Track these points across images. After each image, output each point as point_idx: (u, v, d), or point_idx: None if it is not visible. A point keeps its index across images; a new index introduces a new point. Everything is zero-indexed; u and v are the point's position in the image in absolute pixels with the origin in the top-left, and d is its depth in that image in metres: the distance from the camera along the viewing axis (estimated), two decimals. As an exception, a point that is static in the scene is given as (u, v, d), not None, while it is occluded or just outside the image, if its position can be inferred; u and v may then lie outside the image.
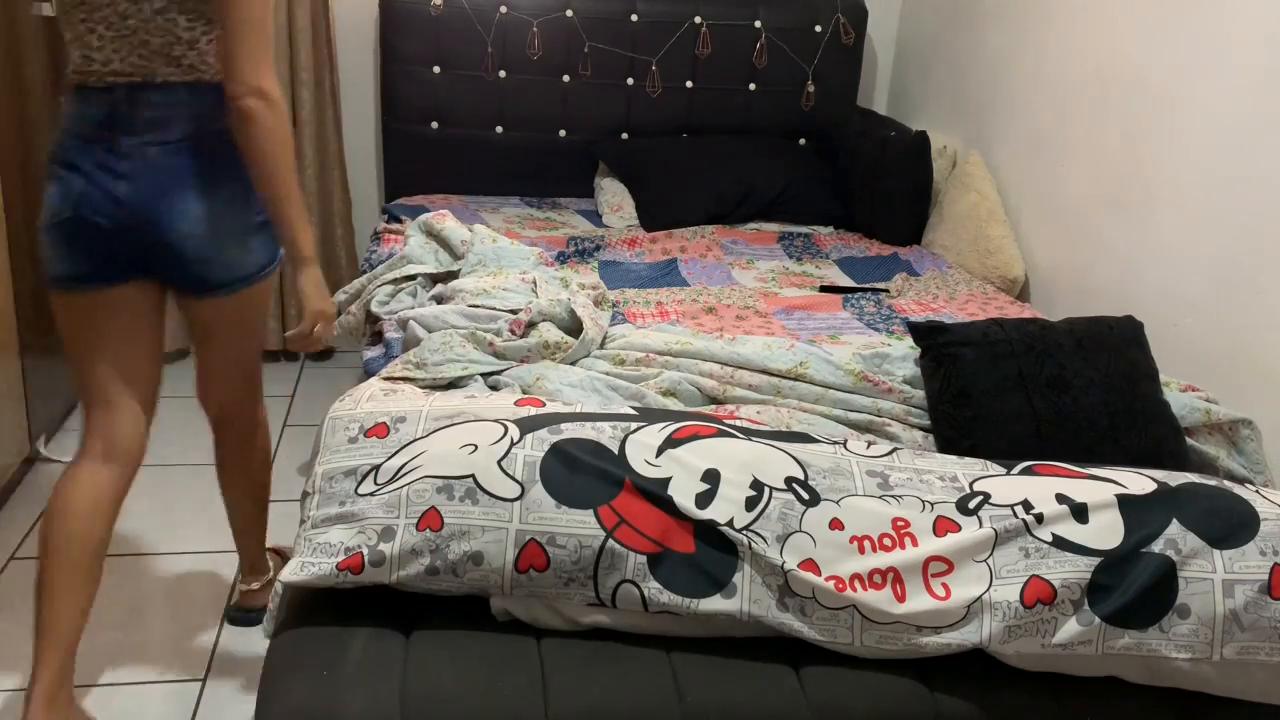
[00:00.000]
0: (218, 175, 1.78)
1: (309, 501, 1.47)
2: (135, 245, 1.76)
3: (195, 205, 1.76)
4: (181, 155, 1.75)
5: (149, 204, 1.74)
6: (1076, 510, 1.44)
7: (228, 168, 1.78)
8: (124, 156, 1.73)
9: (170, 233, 1.75)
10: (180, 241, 1.76)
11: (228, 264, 1.81)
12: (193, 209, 1.76)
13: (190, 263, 1.79)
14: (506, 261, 2.37)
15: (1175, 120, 2.41)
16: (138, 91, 1.74)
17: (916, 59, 3.69)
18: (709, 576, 1.38)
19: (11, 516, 2.59)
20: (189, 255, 1.78)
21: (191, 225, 1.76)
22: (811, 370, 1.95)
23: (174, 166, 1.75)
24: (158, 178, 1.74)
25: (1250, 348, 2.18)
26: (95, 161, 1.73)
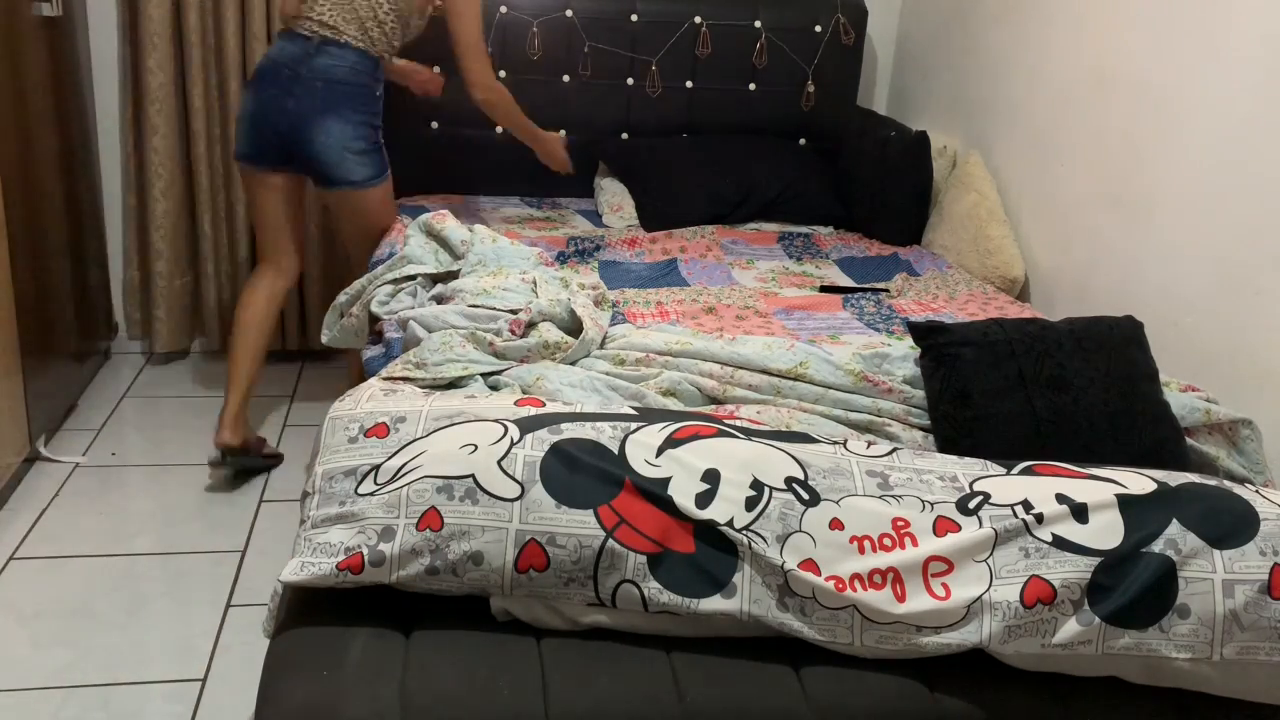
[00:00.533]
0: (351, 112, 2.67)
1: (309, 501, 1.47)
2: (289, 144, 2.67)
3: (332, 126, 2.65)
4: (334, 94, 2.65)
5: (305, 118, 2.64)
6: (1076, 510, 1.44)
7: (357, 108, 2.69)
8: (301, 84, 2.63)
9: (313, 139, 2.65)
10: (316, 148, 2.66)
11: (345, 169, 2.70)
12: (331, 128, 2.65)
13: (321, 164, 2.68)
14: (506, 261, 2.37)
15: (1175, 120, 2.41)
16: (327, 44, 2.64)
17: (916, 59, 3.69)
18: (709, 576, 1.38)
19: (11, 516, 2.59)
20: (321, 158, 2.68)
21: (326, 137, 2.65)
22: (811, 370, 1.95)
23: (328, 99, 2.64)
24: (315, 103, 2.64)
25: (1250, 348, 2.18)
26: (283, 83, 2.64)
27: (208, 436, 3.06)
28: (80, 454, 2.91)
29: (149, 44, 3.19)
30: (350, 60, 2.66)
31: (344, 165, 2.69)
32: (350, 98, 2.66)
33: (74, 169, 3.11)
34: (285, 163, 2.73)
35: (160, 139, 3.28)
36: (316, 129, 2.64)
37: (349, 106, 2.66)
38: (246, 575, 2.42)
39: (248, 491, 2.77)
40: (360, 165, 2.72)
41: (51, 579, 2.35)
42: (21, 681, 2.03)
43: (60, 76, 2.98)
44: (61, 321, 3.01)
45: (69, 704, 1.98)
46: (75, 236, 3.12)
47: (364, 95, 2.70)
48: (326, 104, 2.64)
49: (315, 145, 2.65)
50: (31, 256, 2.74)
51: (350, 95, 2.67)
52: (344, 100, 2.65)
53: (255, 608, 2.30)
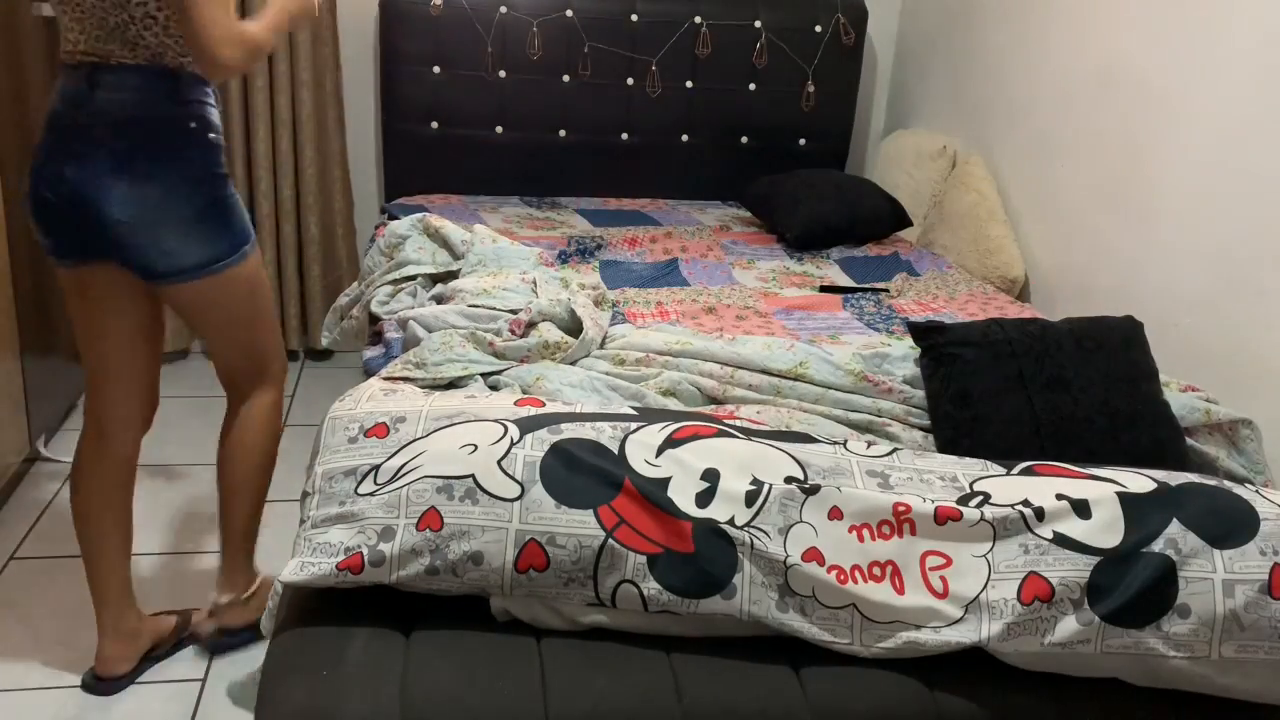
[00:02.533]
0: (159, 164, 1.76)
1: (309, 501, 1.47)
2: (80, 225, 1.78)
3: (129, 191, 1.75)
4: (123, 140, 1.75)
5: (86, 185, 1.74)
6: (1077, 507, 1.44)
7: (171, 157, 1.77)
8: (79, 137, 1.75)
9: (103, 216, 1.75)
10: (113, 226, 1.76)
11: (167, 254, 1.79)
12: (126, 194, 1.75)
13: (126, 248, 1.78)
14: (506, 261, 2.37)
15: (1175, 120, 2.41)
16: (97, 73, 1.75)
17: (916, 59, 3.69)
18: (708, 577, 1.38)
19: (11, 516, 2.59)
20: (123, 241, 1.77)
21: (122, 211, 1.75)
22: (811, 370, 1.95)
23: (116, 151, 1.74)
24: (99, 160, 1.74)
25: (1250, 348, 2.18)
26: (57, 139, 1.77)
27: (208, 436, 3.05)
28: (80, 454, 2.91)
29: (149, 44, 3.18)
30: (132, 86, 1.75)
31: (161, 248, 1.78)
32: (151, 143, 1.76)
33: (74, 169, 3.10)
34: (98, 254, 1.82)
35: (160, 139, 3.26)
36: (109, 200, 1.74)
37: (152, 158, 1.75)
38: (246, 575, 2.42)
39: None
40: (188, 243, 1.80)
41: (51, 579, 2.35)
42: (21, 681, 2.03)
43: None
44: (61, 321, 3.00)
45: (69, 704, 1.98)
46: (75, 236, 3.11)
47: (172, 134, 1.77)
48: (116, 160, 1.74)
49: (112, 225, 1.75)
50: (31, 256, 2.74)
51: (150, 141, 1.76)
52: (142, 150, 1.75)
53: (255, 608, 2.30)
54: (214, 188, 1.82)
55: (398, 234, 2.51)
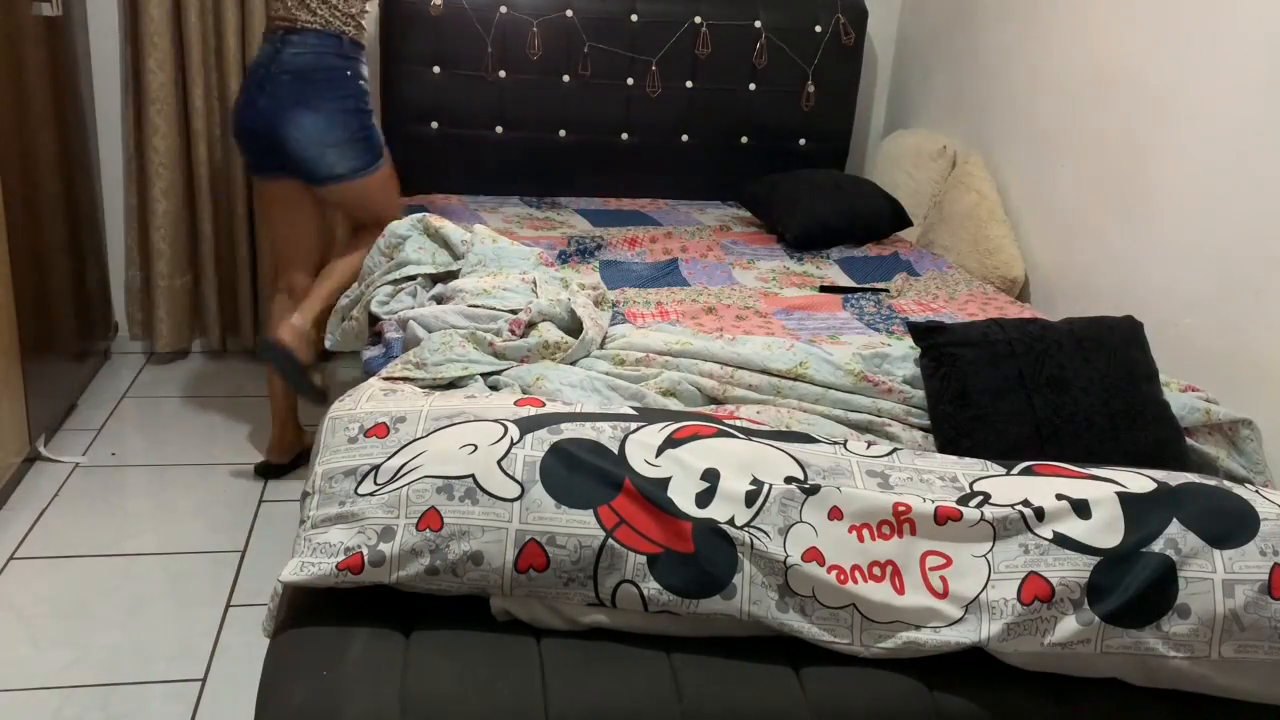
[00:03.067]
0: (322, 101, 2.58)
1: (309, 501, 1.47)
2: (268, 145, 2.61)
3: (304, 119, 2.57)
4: (301, 85, 2.58)
5: (275, 114, 2.58)
6: (1077, 507, 1.44)
7: (328, 96, 2.59)
8: (270, 80, 2.59)
9: (287, 137, 2.58)
10: (291, 145, 2.59)
11: (327, 164, 2.62)
12: (302, 121, 2.57)
13: (300, 161, 2.61)
14: (507, 262, 2.37)
15: (1175, 120, 2.41)
16: (288, 35, 2.58)
17: (916, 59, 3.69)
18: (708, 577, 1.38)
19: (11, 516, 2.59)
20: (298, 155, 2.60)
21: (299, 133, 2.58)
22: (811, 370, 1.95)
23: (295, 91, 2.57)
24: (283, 98, 2.57)
25: (1250, 348, 2.18)
26: (256, 83, 2.62)
27: (208, 436, 3.06)
28: (80, 454, 2.91)
29: (149, 44, 3.19)
30: (310, 45, 2.57)
31: (324, 160, 2.61)
32: (319, 85, 2.58)
33: (74, 169, 3.11)
34: (279, 168, 2.67)
35: (160, 139, 3.28)
36: (288, 125, 2.57)
37: (319, 95, 2.57)
38: (246, 575, 2.42)
39: (248, 491, 2.77)
40: (343, 157, 2.62)
41: (51, 579, 2.35)
42: (21, 681, 2.03)
43: (60, 76, 2.98)
44: (61, 321, 3.01)
45: (69, 704, 1.98)
46: (75, 236, 3.12)
47: (334, 80, 2.60)
48: (294, 97, 2.56)
49: (290, 143, 2.58)
50: (31, 256, 2.74)
51: (319, 83, 2.58)
52: (313, 90, 2.57)
53: (255, 608, 2.30)
54: (362, 118, 2.66)
55: (398, 234, 2.50)
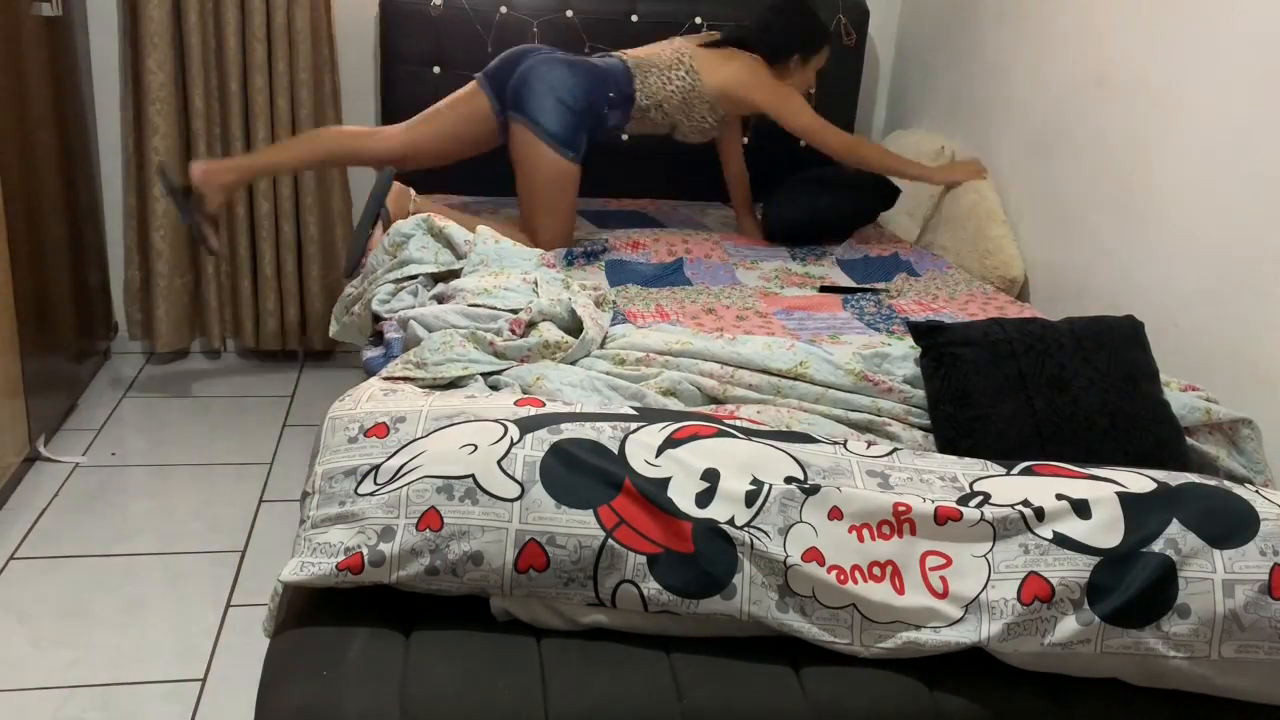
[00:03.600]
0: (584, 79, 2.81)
1: (309, 501, 1.47)
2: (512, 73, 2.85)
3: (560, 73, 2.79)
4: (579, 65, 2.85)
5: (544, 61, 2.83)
6: (1077, 507, 1.44)
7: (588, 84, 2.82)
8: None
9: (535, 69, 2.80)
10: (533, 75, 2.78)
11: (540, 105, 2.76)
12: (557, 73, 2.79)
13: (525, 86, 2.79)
14: (508, 262, 2.37)
15: (1175, 120, 2.41)
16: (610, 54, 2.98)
17: (916, 59, 3.69)
18: (708, 577, 1.38)
19: (11, 516, 2.59)
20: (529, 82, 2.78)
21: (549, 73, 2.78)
22: (811, 370, 1.95)
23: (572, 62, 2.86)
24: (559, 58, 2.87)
25: (1250, 348, 2.18)
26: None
27: (208, 436, 3.06)
28: (80, 454, 2.91)
29: (149, 44, 3.19)
30: (611, 64, 2.89)
31: (543, 102, 2.75)
32: (591, 73, 2.81)
33: (74, 169, 3.11)
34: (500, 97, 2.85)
35: (160, 139, 3.28)
36: (544, 66, 2.78)
37: (584, 74, 2.80)
38: (246, 575, 2.42)
39: (248, 491, 2.77)
40: (557, 116, 2.75)
41: (51, 579, 2.36)
42: (21, 681, 2.03)
43: (60, 76, 2.98)
44: (61, 321, 3.01)
45: (69, 704, 1.98)
46: (75, 236, 3.12)
47: (602, 83, 2.83)
48: (567, 62, 2.81)
49: (533, 74, 2.76)
50: (31, 256, 2.74)
51: (593, 72, 2.82)
52: (583, 69, 2.81)
53: (255, 608, 2.30)
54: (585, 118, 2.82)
55: (402, 232, 2.50)
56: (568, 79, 2.77)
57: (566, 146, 2.79)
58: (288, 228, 3.43)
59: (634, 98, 2.90)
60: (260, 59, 3.25)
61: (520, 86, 2.78)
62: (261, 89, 3.28)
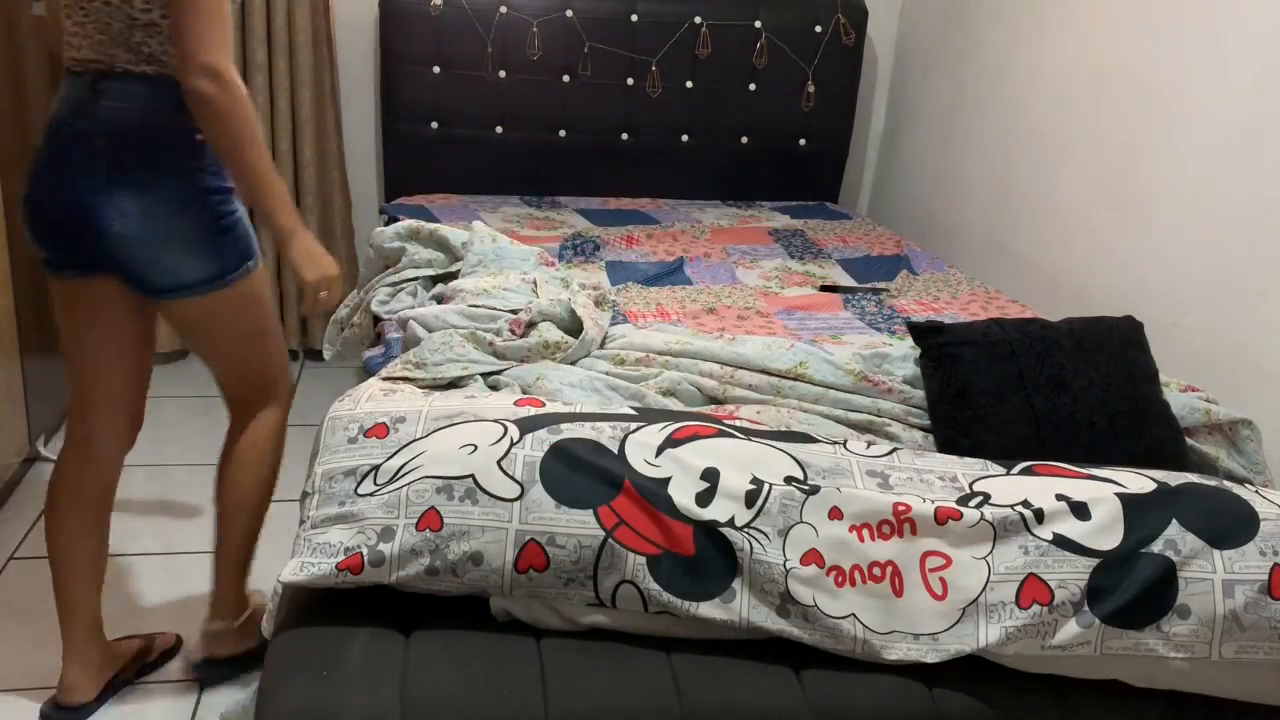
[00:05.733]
0: (164, 175, 1.70)
1: (308, 501, 1.47)
2: (78, 236, 1.71)
3: (131, 204, 1.68)
4: (125, 149, 1.69)
5: (87, 196, 1.68)
6: (1076, 509, 1.44)
7: (178, 168, 1.71)
8: (79, 144, 1.69)
9: (104, 229, 1.69)
10: (113, 240, 1.70)
11: (169, 269, 1.74)
12: (128, 207, 1.68)
13: (126, 263, 1.73)
14: (507, 262, 2.37)
15: (1175, 121, 2.41)
16: (99, 80, 1.69)
17: (916, 59, 3.69)
18: (708, 581, 1.38)
19: (11, 516, 2.59)
20: (123, 255, 1.72)
21: (124, 224, 1.69)
22: (811, 370, 1.95)
23: (119, 161, 1.68)
24: (100, 170, 1.68)
25: (1250, 348, 2.18)
26: (58, 146, 1.71)
27: (208, 436, 3.06)
28: (80, 454, 2.91)
29: (149, 44, 3.19)
30: (139, 94, 1.69)
31: (162, 261, 1.73)
32: (152, 152, 1.70)
33: (74, 169, 3.10)
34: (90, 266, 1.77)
35: (160, 139, 3.27)
36: (109, 210, 1.68)
37: (154, 167, 1.70)
38: (246, 575, 2.42)
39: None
40: (192, 258, 1.75)
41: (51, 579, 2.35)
42: (21, 681, 2.03)
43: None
44: (61, 321, 3.00)
45: (69, 704, 1.98)
46: (75, 236, 3.12)
47: (175, 144, 1.71)
48: (118, 168, 1.68)
49: (110, 236, 1.69)
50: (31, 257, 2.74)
51: (151, 149, 1.70)
52: (144, 158, 1.69)
53: (255, 608, 2.30)
54: (218, 202, 1.75)
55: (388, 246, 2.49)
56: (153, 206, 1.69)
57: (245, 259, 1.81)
58: (288, 228, 3.42)
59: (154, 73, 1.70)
60: (260, 59, 3.25)
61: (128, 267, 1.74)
62: (261, 89, 3.28)
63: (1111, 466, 1.59)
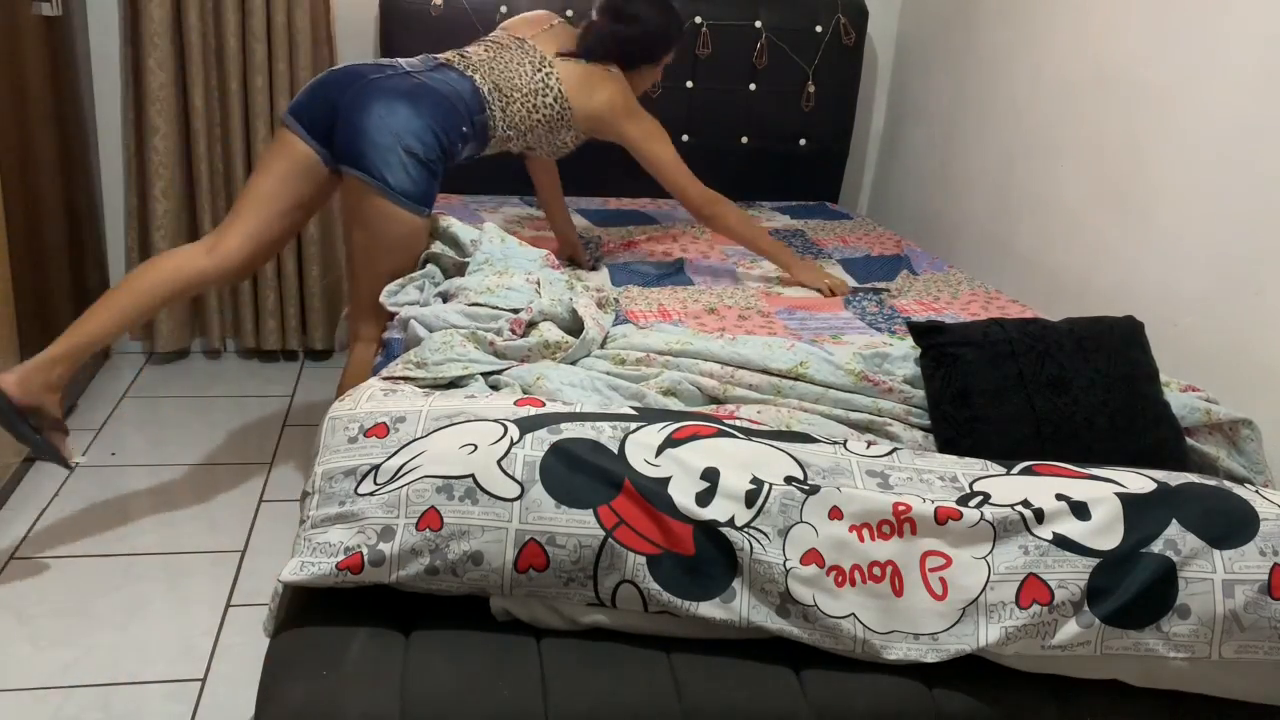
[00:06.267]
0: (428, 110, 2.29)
1: (308, 501, 1.47)
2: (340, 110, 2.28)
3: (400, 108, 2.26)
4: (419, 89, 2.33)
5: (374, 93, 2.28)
6: (1076, 508, 1.44)
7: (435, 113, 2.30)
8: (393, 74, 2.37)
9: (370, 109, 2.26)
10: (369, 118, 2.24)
11: (384, 159, 2.23)
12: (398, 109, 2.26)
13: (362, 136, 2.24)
14: (513, 262, 2.37)
15: (1175, 120, 2.41)
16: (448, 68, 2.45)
17: (916, 59, 3.69)
18: (708, 580, 1.38)
19: (11, 516, 2.59)
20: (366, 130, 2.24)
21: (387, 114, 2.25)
22: (811, 370, 1.95)
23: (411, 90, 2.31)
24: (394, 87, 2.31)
25: (1250, 348, 2.18)
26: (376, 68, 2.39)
27: (208, 436, 3.06)
28: (80, 454, 2.91)
29: (149, 44, 3.19)
30: (460, 86, 2.38)
31: (387, 155, 2.24)
32: (440, 105, 2.31)
33: (74, 169, 3.11)
34: (324, 139, 2.32)
35: (160, 139, 3.28)
36: (380, 103, 2.26)
37: (431, 108, 2.29)
38: (246, 575, 2.42)
39: (248, 491, 2.77)
40: (408, 172, 2.25)
41: (51, 579, 2.35)
42: (21, 681, 2.03)
43: (60, 76, 2.98)
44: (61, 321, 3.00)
45: (69, 704, 1.98)
46: (75, 236, 3.12)
47: (453, 115, 2.34)
48: (407, 93, 2.29)
49: (369, 116, 2.25)
50: (31, 256, 2.74)
51: (441, 104, 2.32)
52: (426, 98, 2.30)
53: (255, 608, 2.30)
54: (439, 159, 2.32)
55: None
56: (413, 122, 2.27)
57: (420, 203, 2.31)
58: (288, 228, 3.43)
59: (489, 126, 2.45)
60: (260, 59, 3.25)
61: (355, 137, 2.26)
62: (261, 89, 3.28)
63: (1111, 466, 1.59)
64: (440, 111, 2.31)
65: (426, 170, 2.28)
